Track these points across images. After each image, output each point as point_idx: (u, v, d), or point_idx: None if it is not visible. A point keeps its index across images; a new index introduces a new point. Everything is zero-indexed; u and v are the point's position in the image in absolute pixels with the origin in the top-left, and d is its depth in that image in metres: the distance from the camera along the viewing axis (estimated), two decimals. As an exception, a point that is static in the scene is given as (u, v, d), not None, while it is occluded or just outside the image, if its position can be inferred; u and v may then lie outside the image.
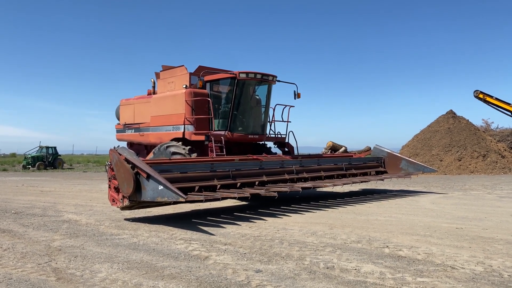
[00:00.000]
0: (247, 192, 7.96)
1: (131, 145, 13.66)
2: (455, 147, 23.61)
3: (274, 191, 8.32)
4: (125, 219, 8.02)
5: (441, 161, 22.93)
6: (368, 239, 6.02)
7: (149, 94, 12.99)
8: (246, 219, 7.93)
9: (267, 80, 11.28)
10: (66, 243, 5.94)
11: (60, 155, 38.55)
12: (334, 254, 5.18)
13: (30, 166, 34.30)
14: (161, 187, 6.66)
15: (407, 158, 12.76)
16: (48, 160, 35.76)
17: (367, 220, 7.68)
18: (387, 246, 5.55)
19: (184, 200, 6.51)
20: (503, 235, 6.28)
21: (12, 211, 9.17)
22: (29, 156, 35.35)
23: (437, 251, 5.29)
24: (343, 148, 13.73)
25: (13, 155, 68.37)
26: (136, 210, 9.21)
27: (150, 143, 12.24)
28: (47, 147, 36.58)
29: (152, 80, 12.93)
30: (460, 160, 22.73)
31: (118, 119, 14.22)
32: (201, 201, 7.27)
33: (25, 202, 10.91)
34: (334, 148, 13.46)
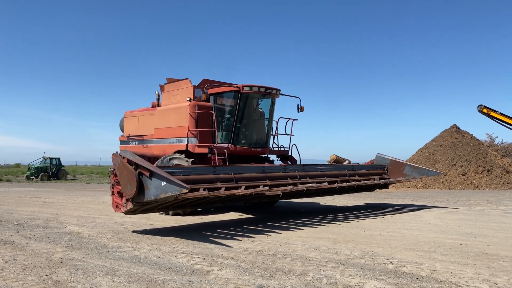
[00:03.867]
0: (252, 190, 7.98)
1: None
2: (459, 161, 23.52)
3: (278, 190, 8.39)
4: (127, 232, 8.00)
5: (445, 175, 22.82)
6: (372, 254, 5.97)
7: (153, 106, 13.05)
8: (249, 233, 7.89)
9: (270, 93, 11.33)
10: (67, 256, 5.92)
11: (63, 166, 38.66)
12: (337, 269, 5.13)
13: (33, 177, 34.39)
14: (164, 183, 6.65)
15: (410, 163, 12.73)
16: (51, 171, 35.85)
17: (371, 235, 7.62)
18: (391, 262, 5.49)
19: (187, 191, 6.47)
20: (509, 252, 6.21)
21: (15, 222, 9.17)
22: (33, 166, 35.48)
23: (442, 267, 5.23)
24: (346, 161, 13.65)
25: (17, 165, 68.72)
26: (139, 222, 9.19)
27: (154, 155, 12.24)
28: (51, 158, 36.69)
29: (156, 92, 12.99)
30: (464, 175, 22.62)
31: (122, 131, 14.27)
32: (204, 197, 7.29)
33: (27, 213, 10.91)
34: (337, 161, 13.39)
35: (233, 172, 8.62)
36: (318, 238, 7.31)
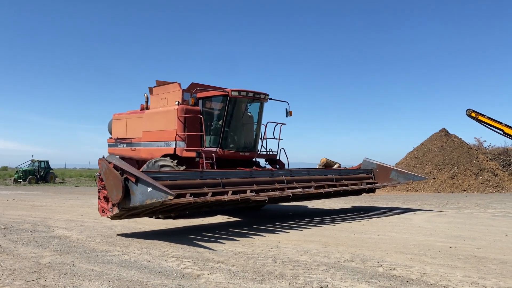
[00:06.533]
0: (238, 196, 8.05)
1: (122, 159, 13.61)
2: (448, 165, 23.76)
3: (264, 195, 8.52)
4: (117, 235, 7.92)
5: (434, 179, 23.03)
6: (362, 257, 5.99)
7: (142, 109, 12.98)
8: (239, 237, 7.86)
9: (259, 98, 11.44)
10: (56, 260, 5.84)
11: (52, 169, 38.24)
12: (328, 273, 5.14)
13: (21, 180, 33.93)
14: (150, 189, 6.65)
15: (396, 168, 12.85)
16: (40, 174, 35.40)
17: (361, 238, 7.65)
18: (381, 265, 5.51)
19: (172, 198, 6.49)
20: (497, 254, 6.27)
21: (2, 226, 9.03)
22: (21, 169, 34.99)
23: (431, 270, 5.27)
24: (337, 165, 13.68)
25: (5, 168, 67.66)
26: (128, 226, 9.12)
27: (142, 158, 12.20)
28: (39, 161, 36.24)
29: (145, 95, 12.94)
30: (453, 178, 22.85)
31: (111, 133, 14.18)
32: (190, 203, 7.35)
33: (15, 217, 10.75)
34: (328, 164, 13.42)
35: (220, 177, 8.65)
36: (309, 241, 7.32)
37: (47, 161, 37.13)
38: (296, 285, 4.60)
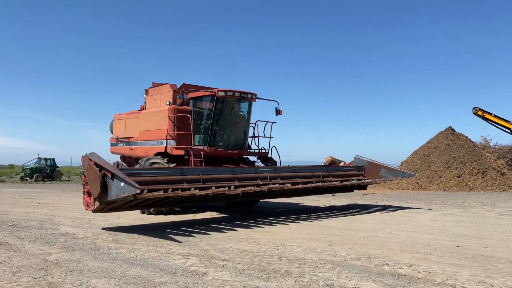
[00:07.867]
0: (210, 190, 8.32)
1: (123, 158, 14.07)
2: (454, 163, 23.61)
3: (239, 190, 8.77)
4: (123, 232, 7.96)
5: (440, 177, 22.90)
6: (368, 256, 5.97)
7: (141, 109, 13.36)
8: (245, 235, 7.87)
9: (245, 97, 11.67)
10: (62, 257, 5.88)
11: (58, 167, 38.37)
12: (334, 271, 5.13)
13: (28, 178, 34.12)
14: (122, 184, 7.13)
15: (386, 165, 12.88)
16: (46, 172, 35.55)
17: (367, 236, 7.62)
18: (387, 264, 5.49)
19: (139, 191, 6.99)
20: (504, 253, 6.23)
21: (9, 224, 9.10)
22: (27, 167, 35.18)
23: (438, 269, 5.24)
24: (342, 163, 13.64)
25: (11, 166, 68.24)
26: (134, 223, 9.16)
27: (138, 156, 12.55)
28: (46, 159, 36.38)
29: (144, 96, 13.30)
30: (459, 177, 22.70)
31: (112, 133, 14.55)
32: (166, 197, 7.72)
33: (22, 214, 10.83)
34: (333, 162, 13.38)
35: (201, 173, 8.90)
36: (314, 239, 7.31)
37: (53, 159, 37.28)
38: (302, 283, 4.59)
